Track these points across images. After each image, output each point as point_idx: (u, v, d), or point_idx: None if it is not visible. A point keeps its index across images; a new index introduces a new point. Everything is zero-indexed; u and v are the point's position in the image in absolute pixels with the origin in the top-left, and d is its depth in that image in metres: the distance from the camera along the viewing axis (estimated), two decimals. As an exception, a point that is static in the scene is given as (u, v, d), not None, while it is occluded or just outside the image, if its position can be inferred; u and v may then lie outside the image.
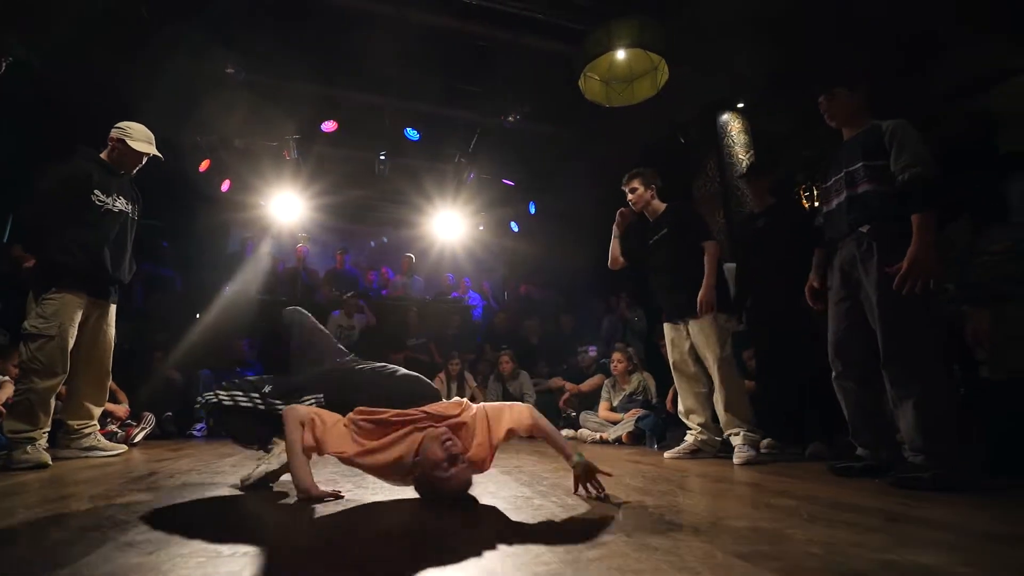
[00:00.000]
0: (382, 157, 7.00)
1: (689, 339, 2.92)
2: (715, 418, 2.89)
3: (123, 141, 2.77)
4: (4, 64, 2.29)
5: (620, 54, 4.44)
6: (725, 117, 5.55)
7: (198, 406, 2.06)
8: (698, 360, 2.92)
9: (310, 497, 1.53)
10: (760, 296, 3.23)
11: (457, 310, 7.32)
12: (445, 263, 8.56)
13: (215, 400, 1.88)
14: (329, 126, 6.46)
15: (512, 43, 5.15)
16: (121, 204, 2.77)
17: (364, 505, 1.56)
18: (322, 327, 2.30)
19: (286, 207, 7.39)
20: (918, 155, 1.95)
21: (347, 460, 1.59)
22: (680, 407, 3.04)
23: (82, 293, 2.59)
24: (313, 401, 1.83)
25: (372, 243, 9.90)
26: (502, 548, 1.06)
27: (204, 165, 6.68)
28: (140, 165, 2.88)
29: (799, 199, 5.53)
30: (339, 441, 1.58)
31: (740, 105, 5.55)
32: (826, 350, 2.30)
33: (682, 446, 2.92)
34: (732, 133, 5.49)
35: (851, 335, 2.16)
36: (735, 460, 2.61)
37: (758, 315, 3.25)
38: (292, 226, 7.79)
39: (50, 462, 2.37)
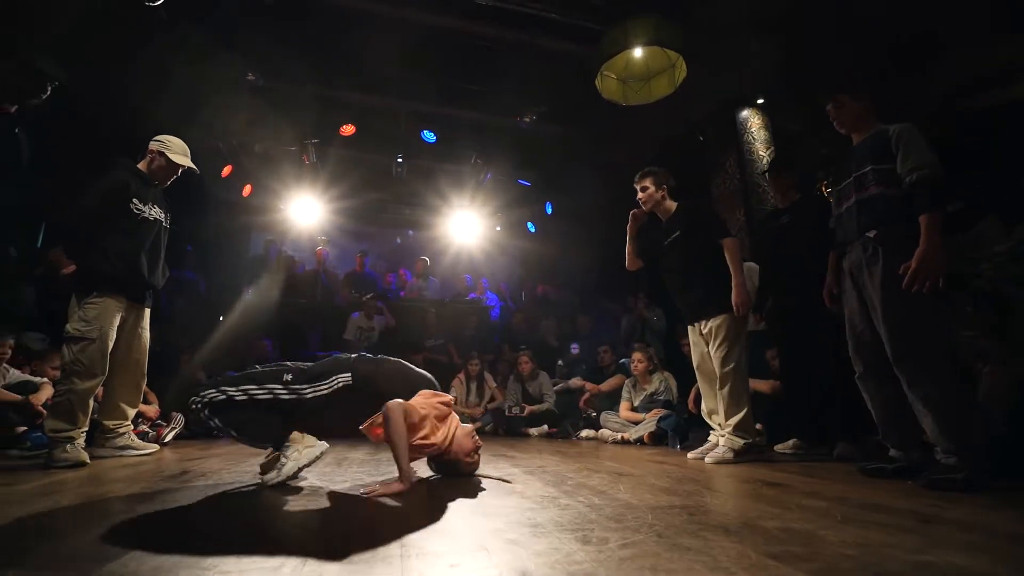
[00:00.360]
0: (399, 160, 7.06)
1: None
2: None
3: (163, 153, 2.91)
4: (49, 89, 2.44)
5: (637, 52, 4.42)
6: (745, 113, 5.48)
7: (196, 406, 1.79)
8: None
9: (411, 482, 1.70)
10: (783, 294, 3.19)
11: (475, 311, 7.35)
12: (462, 264, 8.60)
13: (222, 397, 1.77)
14: (347, 130, 6.55)
15: (527, 44, 5.16)
16: (156, 213, 2.88)
17: (389, 504, 1.58)
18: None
19: (305, 210, 7.51)
20: (924, 158, 2.00)
21: (432, 449, 1.82)
22: (703, 407, 3.02)
23: (121, 298, 2.70)
24: (342, 383, 1.86)
25: (398, 240, 10.00)
26: (533, 547, 1.08)
27: (226, 171, 6.81)
28: (175, 177, 3.01)
29: (823, 195, 5.46)
30: (430, 431, 1.81)
31: (760, 101, 5.47)
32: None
33: (706, 446, 2.90)
34: (752, 129, 5.42)
35: (866, 337, 2.18)
36: (707, 459, 2.67)
37: (781, 313, 3.21)
38: (311, 229, 7.91)
39: (88, 460, 2.45)
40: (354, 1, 4.80)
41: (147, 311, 2.93)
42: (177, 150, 2.95)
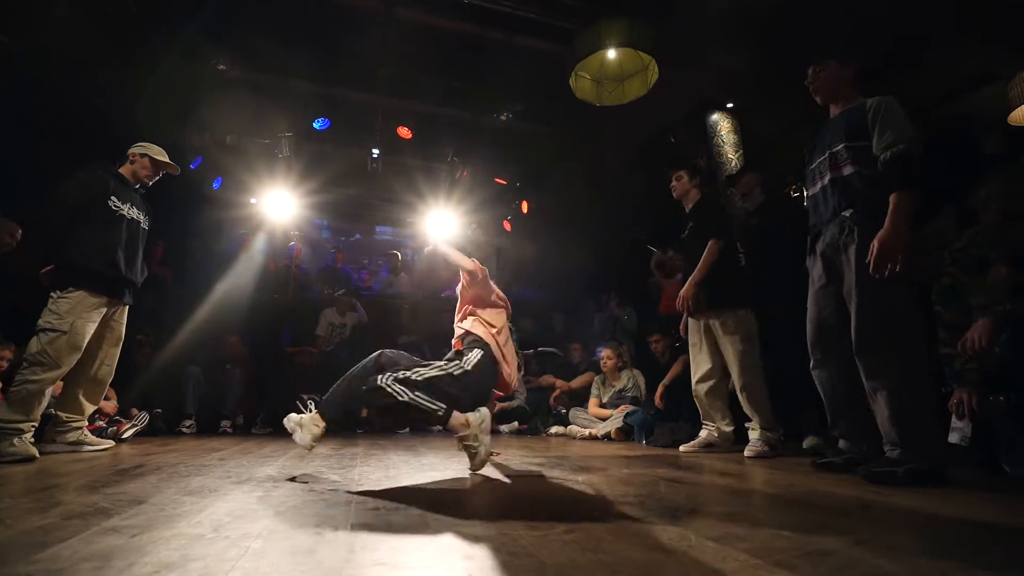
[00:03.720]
0: (375, 154, 7.00)
1: (702, 332, 2.98)
2: (729, 413, 2.97)
3: (145, 155, 2.99)
4: None
5: (611, 53, 4.47)
6: (715, 117, 5.59)
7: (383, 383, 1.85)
8: (715, 353, 2.96)
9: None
10: (760, 291, 3.27)
11: (450, 308, 7.32)
12: (438, 261, 8.57)
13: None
14: (322, 124, 6.46)
15: (504, 42, 5.17)
16: (134, 213, 2.91)
17: (342, 489, 1.57)
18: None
19: (278, 205, 7.36)
20: (901, 133, 1.88)
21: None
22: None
23: (98, 293, 2.69)
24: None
25: (358, 236, 9.89)
26: (479, 532, 1.09)
27: (196, 163, 6.65)
28: (156, 178, 3.08)
29: (790, 197, 5.59)
30: None
31: (729, 105, 5.59)
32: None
33: (697, 440, 2.98)
34: (721, 133, 5.53)
35: (832, 322, 2.10)
36: (745, 452, 2.67)
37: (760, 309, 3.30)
38: (284, 224, 7.77)
39: (37, 455, 2.37)
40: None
41: (125, 308, 2.93)
42: (157, 152, 3.05)
